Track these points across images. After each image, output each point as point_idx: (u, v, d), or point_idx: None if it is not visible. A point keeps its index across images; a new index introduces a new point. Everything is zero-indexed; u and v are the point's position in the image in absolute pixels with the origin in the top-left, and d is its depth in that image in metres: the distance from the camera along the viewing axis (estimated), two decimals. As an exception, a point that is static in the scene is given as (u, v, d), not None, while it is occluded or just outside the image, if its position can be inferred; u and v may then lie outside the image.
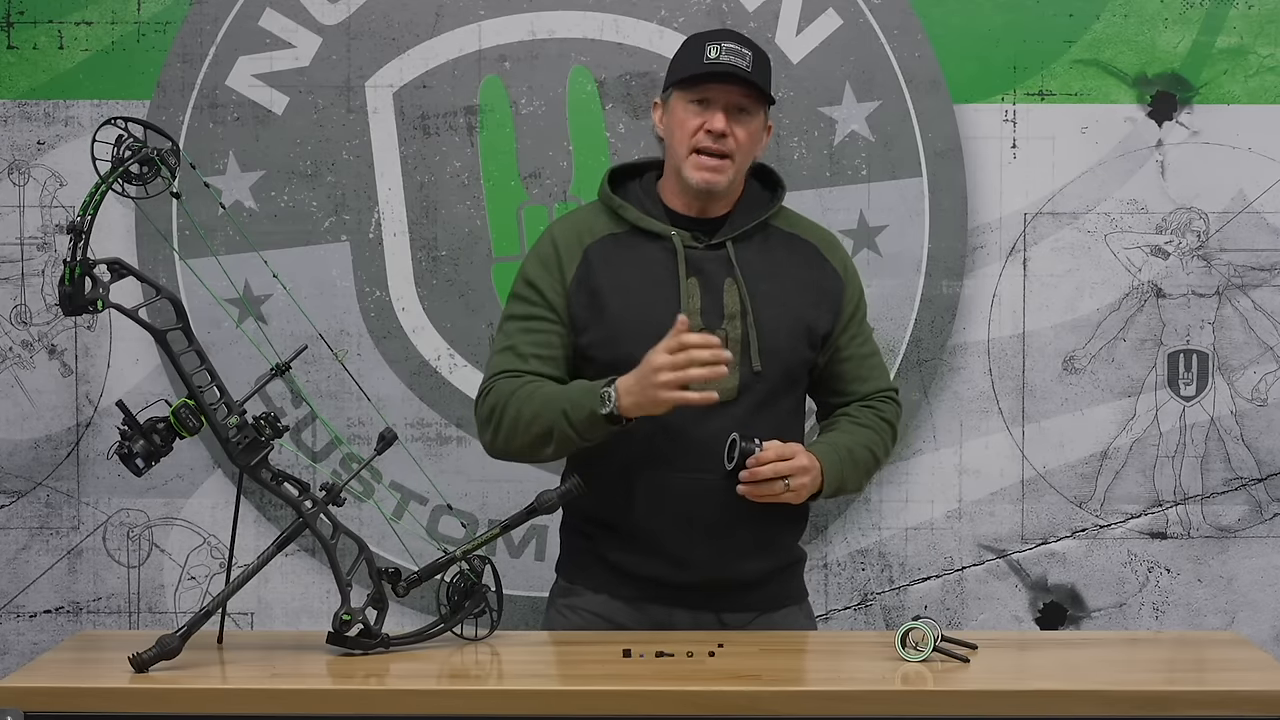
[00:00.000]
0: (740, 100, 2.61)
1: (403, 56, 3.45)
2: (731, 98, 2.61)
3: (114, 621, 3.50)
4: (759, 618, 2.67)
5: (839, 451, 2.63)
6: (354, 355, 3.45)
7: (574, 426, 2.51)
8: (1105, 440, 3.49)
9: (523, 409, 2.56)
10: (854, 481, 2.67)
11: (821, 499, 2.63)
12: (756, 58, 2.63)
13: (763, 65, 2.65)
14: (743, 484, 2.51)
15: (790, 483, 2.51)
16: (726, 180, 2.62)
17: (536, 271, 2.67)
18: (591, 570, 2.69)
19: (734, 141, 2.60)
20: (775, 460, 2.50)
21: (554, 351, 2.63)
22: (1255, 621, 3.49)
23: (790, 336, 2.65)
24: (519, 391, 2.58)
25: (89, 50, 3.44)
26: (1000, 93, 3.45)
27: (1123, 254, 3.47)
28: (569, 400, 2.52)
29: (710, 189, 2.62)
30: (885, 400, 2.76)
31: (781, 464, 2.50)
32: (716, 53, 2.60)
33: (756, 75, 2.61)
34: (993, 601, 3.50)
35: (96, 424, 3.47)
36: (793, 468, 2.51)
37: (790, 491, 2.52)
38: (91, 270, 2.13)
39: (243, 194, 3.44)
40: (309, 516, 2.30)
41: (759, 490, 2.51)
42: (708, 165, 2.60)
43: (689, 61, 2.64)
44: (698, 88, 2.61)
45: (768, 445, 2.51)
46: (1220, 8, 3.45)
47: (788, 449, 2.52)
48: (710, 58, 2.60)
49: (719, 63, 2.59)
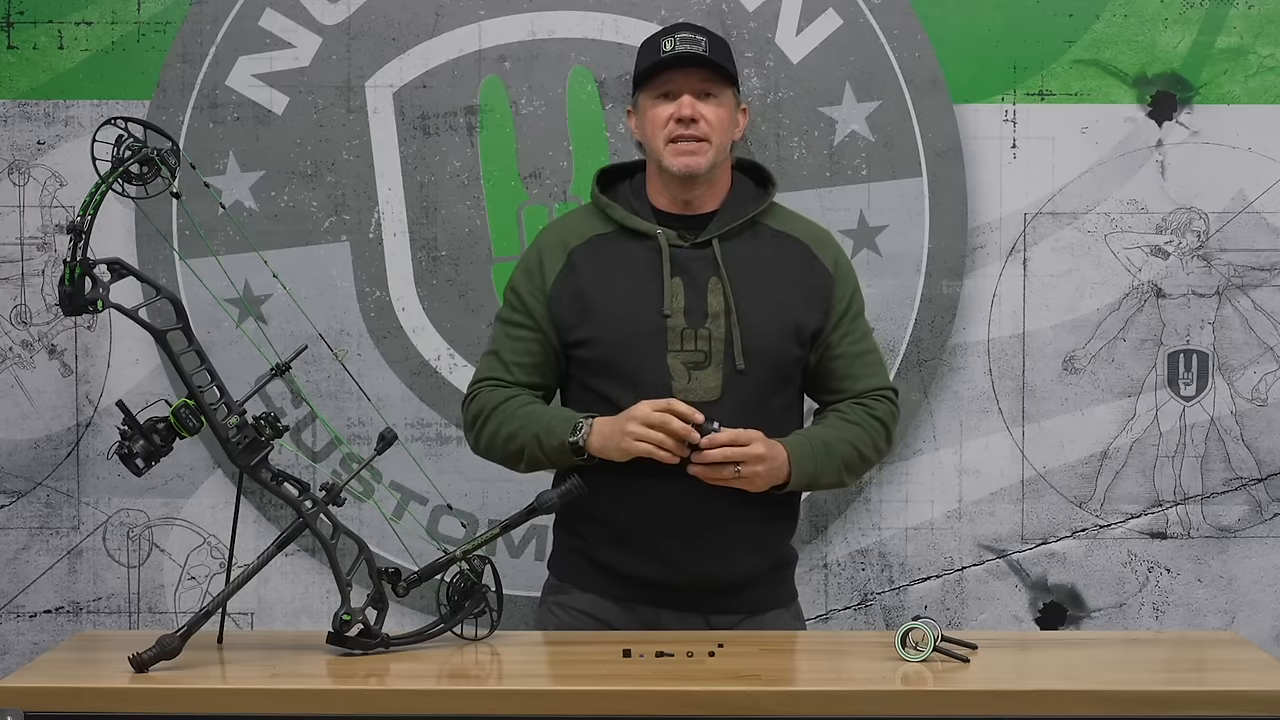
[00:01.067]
0: (703, 85, 2.64)
1: (403, 56, 3.45)
2: (693, 83, 2.64)
3: (114, 621, 3.50)
4: (746, 620, 2.66)
5: (813, 444, 2.62)
6: (354, 355, 3.45)
7: (544, 450, 2.60)
8: (1105, 440, 3.49)
9: (502, 426, 2.64)
10: (829, 476, 2.64)
11: (792, 490, 2.62)
12: (712, 43, 2.66)
13: (720, 49, 2.68)
14: (693, 465, 2.52)
15: (741, 469, 2.52)
16: (707, 162, 2.63)
17: (520, 278, 2.73)
18: (580, 569, 2.69)
19: (705, 125, 2.63)
20: (728, 444, 2.51)
21: (535, 359, 2.69)
22: (1255, 621, 3.49)
23: (778, 335, 2.65)
24: (501, 407, 2.65)
25: (89, 50, 3.44)
26: (1000, 93, 3.45)
27: (1123, 254, 3.47)
28: (544, 425, 2.60)
29: (692, 172, 2.63)
30: (879, 399, 2.72)
31: (732, 450, 2.51)
32: (671, 45, 2.64)
33: (714, 57, 2.65)
34: (993, 601, 3.50)
35: (96, 424, 3.47)
36: (744, 454, 2.52)
37: (742, 479, 2.53)
38: (91, 270, 2.13)
39: (243, 194, 3.44)
40: (309, 516, 2.30)
41: (708, 473, 2.53)
42: (685, 150, 2.63)
43: (646, 59, 2.68)
44: (659, 79, 2.65)
45: (725, 430, 2.51)
46: (1220, 8, 3.45)
47: (743, 435, 2.52)
48: (666, 50, 2.64)
49: (675, 53, 2.63)
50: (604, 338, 2.62)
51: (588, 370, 2.64)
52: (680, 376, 2.60)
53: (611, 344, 2.61)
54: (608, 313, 2.62)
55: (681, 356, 2.61)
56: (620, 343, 2.60)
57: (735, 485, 2.54)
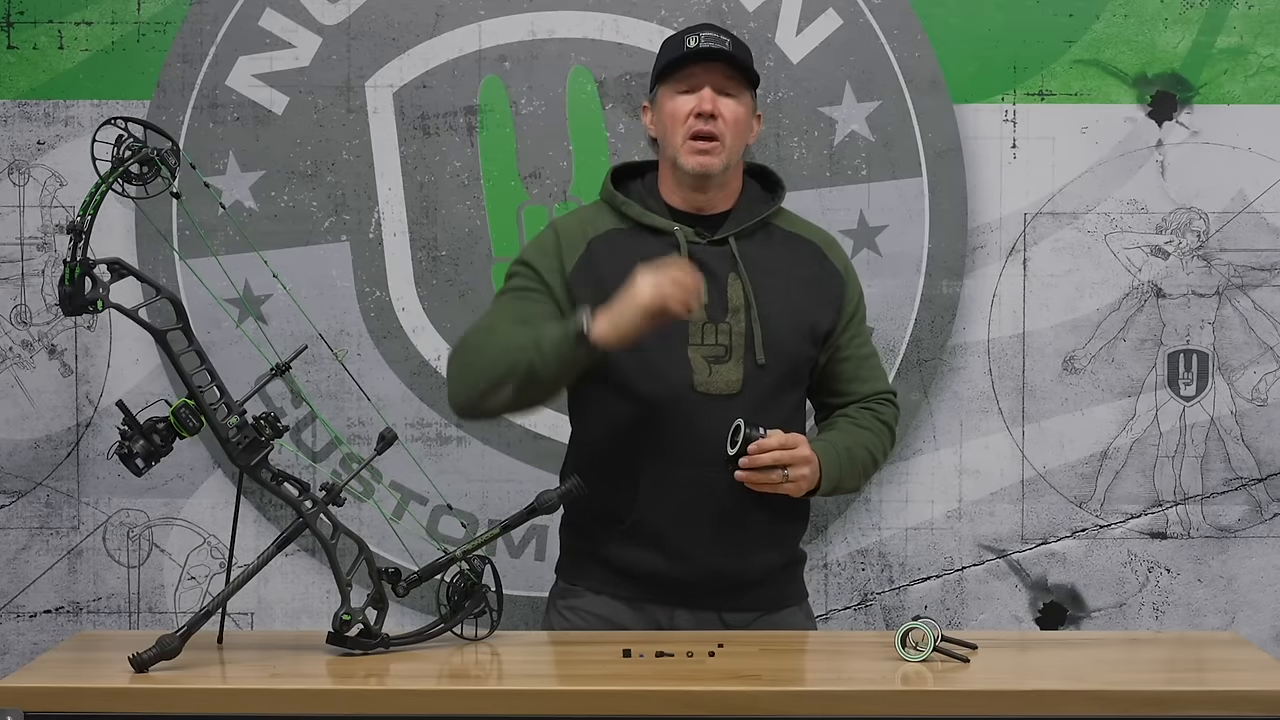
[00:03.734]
0: (725, 81, 2.66)
1: (403, 56, 3.45)
2: (715, 78, 2.65)
3: (114, 621, 3.50)
4: (761, 618, 2.67)
5: (837, 450, 2.63)
6: (354, 355, 3.45)
7: (543, 351, 2.47)
8: (1105, 440, 3.49)
9: (485, 343, 2.55)
10: (851, 481, 2.67)
11: (818, 496, 2.64)
12: (736, 44, 2.69)
13: (744, 51, 2.70)
14: (741, 470, 2.51)
15: (790, 473, 2.52)
16: (721, 163, 2.64)
17: (534, 256, 2.69)
18: (591, 571, 2.69)
19: (723, 123, 2.63)
20: (778, 449, 2.50)
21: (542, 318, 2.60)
22: (1255, 621, 3.49)
23: (794, 332, 2.66)
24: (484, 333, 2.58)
25: (89, 50, 3.44)
26: (1000, 93, 3.45)
27: (1123, 254, 3.47)
28: (539, 330, 2.51)
29: (706, 172, 2.64)
30: (884, 403, 2.76)
31: (783, 453, 2.50)
32: (696, 41, 2.66)
33: (738, 54, 2.67)
34: (993, 601, 3.50)
35: (96, 424, 3.47)
36: (794, 457, 2.51)
37: (789, 482, 2.52)
38: (91, 270, 2.13)
39: (243, 194, 3.44)
40: (309, 516, 2.30)
41: (757, 478, 2.51)
42: (700, 149, 2.63)
43: (671, 54, 2.69)
44: (682, 72, 2.66)
45: (771, 433, 2.51)
46: (1220, 8, 3.45)
47: (791, 439, 2.52)
48: (691, 46, 2.66)
49: (700, 47, 2.65)
50: None
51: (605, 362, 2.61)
52: (701, 370, 2.61)
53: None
54: None
55: (702, 350, 2.61)
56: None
57: (781, 490, 2.53)
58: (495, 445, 3.47)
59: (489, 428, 3.45)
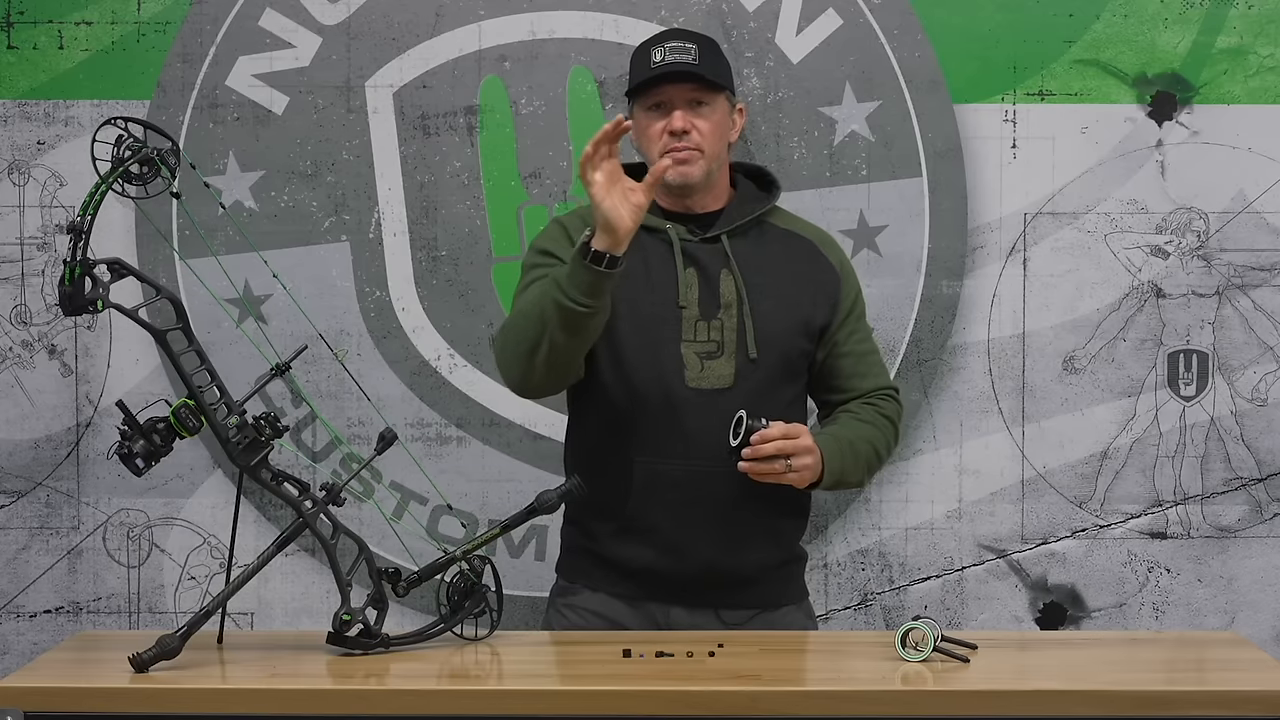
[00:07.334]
0: (694, 94, 2.65)
1: (403, 56, 3.45)
2: (684, 93, 2.65)
3: (114, 621, 3.50)
4: (758, 615, 2.67)
5: (840, 443, 2.63)
6: (354, 355, 3.46)
7: (561, 288, 2.47)
8: (1105, 440, 3.49)
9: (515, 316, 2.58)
10: (854, 475, 2.67)
11: (820, 490, 2.63)
12: (702, 49, 2.67)
13: (711, 55, 2.69)
14: (744, 460, 2.51)
15: (793, 463, 2.51)
16: (700, 171, 2.66)
17: (547, 244, 2.70)
18: (589, 569, 2.70)
19: (698, 135, 2.64)
20: (780, 439, 2.50)
21: None
22: (1255, 621, 3.49)
23: (787, 327, 2.67)
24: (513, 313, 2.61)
25: (89, 50, 3.44)
26: (1000, 93, 3.45)
27: (1123, 254, 3.47)
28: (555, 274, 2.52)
29: (685, 181, 2.66)
30: (886, 398, 2.76)
31: (786, 442, 2.50)
32: (661, 55, 2.65)
33: (704, 68, 2.65)
34: (993, 601, 3.50)
35: (96, 424, 3.47)
36: (797, 447, 2.51)
37: (793, 472, 2.52)
38: (91, 270, 2.13)
39: (243, 194, 3.44)
40: (309, 516, 2.30)
41: (761, 468, 2.51)
42: (679, 159, 2.64)
43: (638, 70, 2.69)
44: (650, 93, 2.66)
45: (773, 424, 2.51)
46: (1220, 8, 3.45)
47: (793, 429, 2.52)
48: (656, 61, 2.65)
49: (664, 64, 2.64)
50: (617, 326, 2.62)
51: (600, 358, 2.64)
52: (693, 365, 2.62)
53: (625, 333, 2.62)
54: (621, 302, 2.62)
55: (695, 346, 2.63)
56: (633, 331, 2.62)
57: (784, 481, 2.53)
58: (495, 445, 3.47)
59: (489, 428, 3.45)
